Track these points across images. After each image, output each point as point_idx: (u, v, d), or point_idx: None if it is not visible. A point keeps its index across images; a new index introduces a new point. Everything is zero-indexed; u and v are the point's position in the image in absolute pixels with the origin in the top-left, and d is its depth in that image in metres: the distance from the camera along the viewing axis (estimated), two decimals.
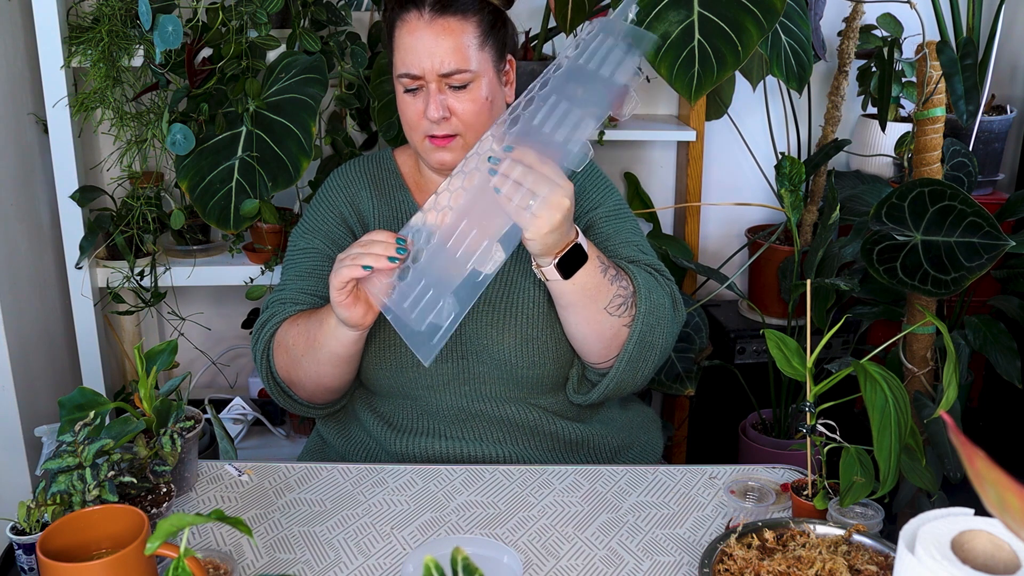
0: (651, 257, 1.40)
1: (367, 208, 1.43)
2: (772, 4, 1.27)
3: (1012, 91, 2.48)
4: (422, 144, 1.34)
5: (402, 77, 1.30)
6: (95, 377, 1.90)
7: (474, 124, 1.32)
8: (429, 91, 1.29)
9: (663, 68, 1.29)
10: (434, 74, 1.28)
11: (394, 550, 1.06)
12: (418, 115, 1.31)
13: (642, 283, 1.29)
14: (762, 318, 2.22)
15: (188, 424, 1.14)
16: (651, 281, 1.32)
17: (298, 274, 1.40)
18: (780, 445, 2.08)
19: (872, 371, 1.00)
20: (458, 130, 1.31)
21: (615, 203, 1.43)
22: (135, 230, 1.82)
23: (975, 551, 0.70)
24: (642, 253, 1.39)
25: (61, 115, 1.73)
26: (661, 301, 1.31)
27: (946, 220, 1.60)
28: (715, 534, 1.09)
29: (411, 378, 1.34)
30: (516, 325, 1.33)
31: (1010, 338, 1.89)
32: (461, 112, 1.30)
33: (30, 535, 0.95)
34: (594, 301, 1.25)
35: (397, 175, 1.46)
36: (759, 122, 2.33)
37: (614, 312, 1.26)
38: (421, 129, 1.32)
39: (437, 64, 1.28)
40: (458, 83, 1.29)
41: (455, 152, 1.33)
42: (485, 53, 1.31)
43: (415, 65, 1.28)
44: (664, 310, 1.32)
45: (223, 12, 1.65)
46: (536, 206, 1.13)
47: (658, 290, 1.32)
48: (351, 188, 1.45)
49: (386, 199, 1.44)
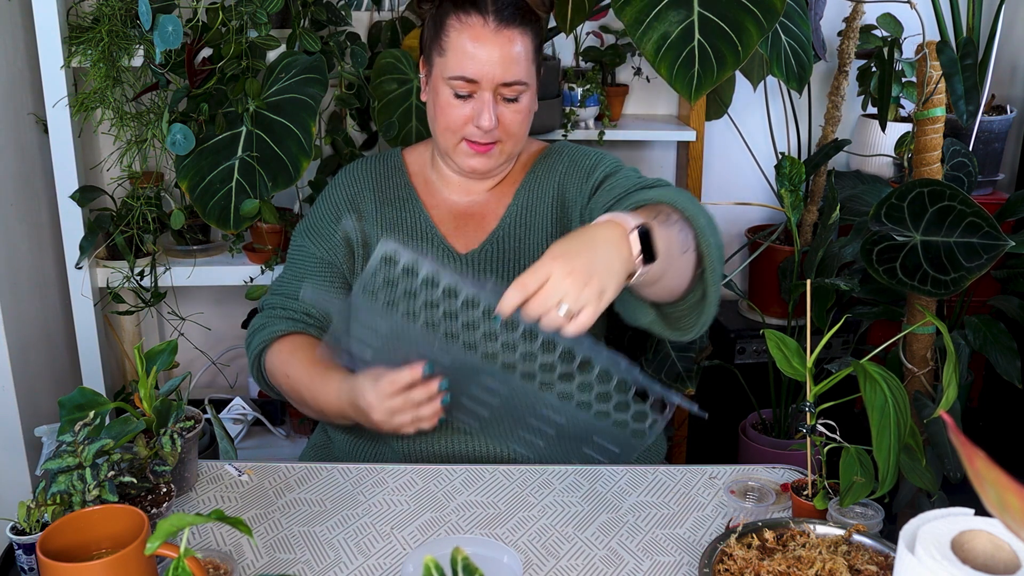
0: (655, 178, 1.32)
1: (369, 210, 1.43)
2: (772, 4, 1.27)
3: (1012, 91, 2.48)
4: (457, 147, 1.34)
5: (455, 80, 1.30)
6: (95, 377, 1.90)
7: (516, 134, 1.34)
8: (483, 99, 1.29)
9: (663, 68, 1.29)
10: (493, 83, 1.29)
11: (394, 550, 1.06)
12: (463, 120, 1.32)
13: (676, 197, 1.15)
14: (762, 318, 2.22)
15: (188, 424, 1.14)
16: (684, 195, 1.17)
17: (293, 275, 1.45)
18: (780, 445, 2.08)
19: (872, 371, 1.00)
20: (500, 138, 1.33)
21: (608, 167, 1.38)
22: (135, 230, 1.82)
23: (975, 551, 0.70)
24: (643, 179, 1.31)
25: (61, 115, 1.73)
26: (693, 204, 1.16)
27: (945, 220, 1.60)
28: (715, 534, 1.09)
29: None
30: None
31: (1010, 338, 1.89)
32: (508, 123, 1.32)
33: (30, 535, 0.95)
34: (672, 257, 1.09)
35: (403, 175, 1.46)
36: (759, 122, 2.33)
37: (685, 250, 1.12)
38: (461, 133, 1.33)
39: (500, 74, 1.28)
40: (512, 95, 1.30)
41: (492, 159, 1.35)
42: (534, 66, 1.33)
43: (476, 71, 1.28)
44: (698, 206, 1.17)
45: (223, 12, 1.65)
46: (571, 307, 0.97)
47: (683, 194, 1.18)
48: (354, 188, 1.45)
49: (389, 200, 1.44)
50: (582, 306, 0.97)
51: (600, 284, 0.98)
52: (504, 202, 1.43)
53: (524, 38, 1.30)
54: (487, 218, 1.43)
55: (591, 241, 1.02)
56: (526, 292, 0.98)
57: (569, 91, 2.15)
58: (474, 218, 1.43)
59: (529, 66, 1.32)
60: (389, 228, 1.42)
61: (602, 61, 2.23)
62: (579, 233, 1.04)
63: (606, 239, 1.01)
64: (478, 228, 1.42)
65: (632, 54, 2.29)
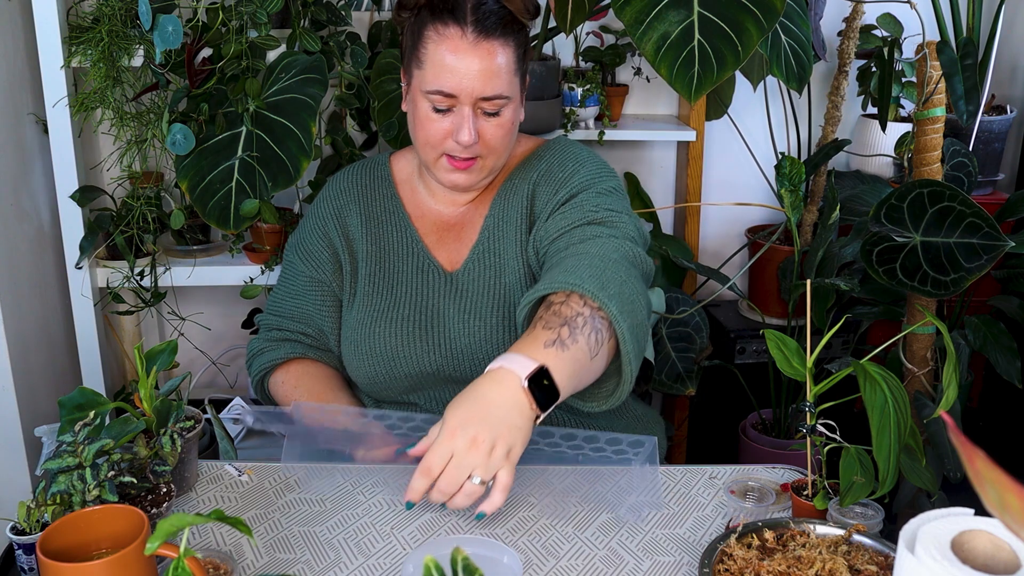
0: (608, 211, 1.27)
1: (354, 223, 1.42)
2: (772, 4, 1.27)
3: (1012, 91, 2.48)
4: (437, 162, 1.30)
5: (433, 94, 1.24)
6: (95, 377, 1.90)
7: (497, 148, 1.29)
8: (463, 114, 1.24)
9: (663, 68, 1.29)
10: (472, 97, 1.24)
11: (394, 550, 1.06)
12: (442, 134, 1.27)
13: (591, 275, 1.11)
14: (762, 318, 2.22)
15: (188, 424, 1.14)
16: (601, 267, 1.13)
17: (287, 293, 1.47)
18: (780, 445, 2.08)
19: (872, 371, 1.00)
20: (481, 153, 1.29)
21: (577, 184, 1.32)
22: (135, 230, 1.82)
23: (975, 551, 0.70)
24: (594, 211, 1.26)
25: (61, 115, 1.73)
26: (621, 282, 1.13)
27: (945, 221, 1.60)
28: (715, 534, 1.08)
29: (408, 384, 1.37)
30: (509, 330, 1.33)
31: (1010, 338, 1.89)
32: (490, 138, 1.27)
33: (30, 535, 0.95)
34: (579, 375, 1.09)
35: (390, 185, 1.44)
36: (759, 122, 2.33)
37: (596, 352, 1.10)
38: (441, 148, 1.28)
39: (479, 88, 1.23)
40: (493, 109, 1.25)
41: (474, 175, 1.31)
42: (517, 77, 1.28)
43: (454, 86, 1.23)
44: (628, 285, 1.14)
45: (223, 12, 1.65)
46: (484, 476, 0.99)
47: (613, 272, 1.14)
48: (340, 200, 1.44)
49: (374, 211, 1.42)
50: (494, 472, 0.99)
51: (506, 445, 0.99)
52: (482, 212, 1.39)
53: (506, 49, 1.24)
54: (466, 229, 1.39)
55: (485, 403, 1.01)
56: (432, 476, 0.99)
57: (569, 91, 2.15)
58: (455, 230, 1.40)
59: (511, 78, 1.26)
60: (375, 244, 1.40)
61: (602, 61, 2.23)
62: (471, 394, 1.03)
63: (501, 397, 1.01)
64: (458, 241, 1.39)
65: (632, 54, 2.29)
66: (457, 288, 1.36)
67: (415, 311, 1.36)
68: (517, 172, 1.39)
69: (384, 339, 1.36)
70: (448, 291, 1.36)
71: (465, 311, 1.34)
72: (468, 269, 1.36)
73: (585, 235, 1.24)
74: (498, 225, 1.37)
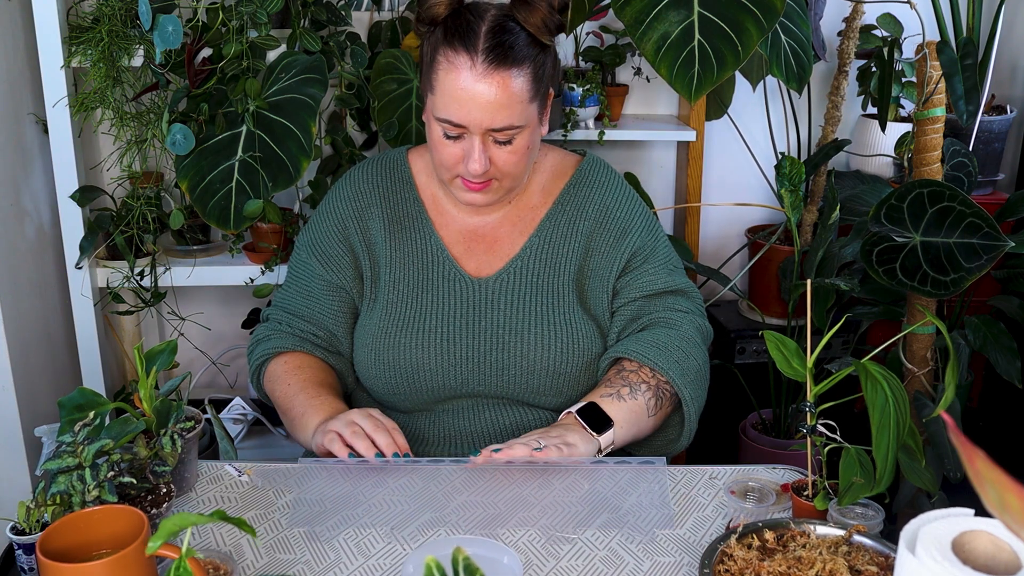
0: (677, 277, 1.41)
1: (376, 227, 1.37)
2: (772, 4, 1.26)
3: (1012, 91, 2.48)
4: (453, 182, 1.30)
5: (443, 122, 1.23)
6: (95, 377, 1.90)
7: (512, 173, 1.28)
8: (472, 143, 1.23)
9: (663, 68, 1.28)
10: (481, 128, 1.22)
11: (394, 550, 1.06)
12: (455, 159, 1.26)
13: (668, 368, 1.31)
14: (762, 318, 2.22)
15: (188, 424, 1.14)
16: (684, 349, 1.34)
17: (299, 292, 1.41)
18: (780, 445, 2.08)
19: (873, 370, 1.00)
20: (495, 176, 1.28)
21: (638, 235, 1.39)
22: (135, 230, 1.82)
23: (976, 552, 0.70)
24: (669, 275, 1.40)
25: (61, 115, 1.73)
26: (698, 368, 1.36)
27: (945, 221, 1.60)
28: (715, 534, 1.08)
29: (430, 396, 1.35)
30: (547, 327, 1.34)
31: (1010, 338, 1.89)
32: (502, 164, 1.26)
33: (30, 535, 0.95)
34: (638, 427, 1.29)
35: (412, 188, 1.39)
36: (759, 122, 2.33)
37: (654, 413, 1.31)
38: (455, 171, 1.28)
39: (487, 120, 1.21)
40: (504, 139, 1.24)
41: (489, 195, 1.30)
42: (535, 103, 1.25)
43: (462, 117, 1.21)
44: (693, 359, 1.35)
45: (223, 12, 1.65)
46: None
47: (694, 356, 1.35)
48: (361, 201, 1.39)
49: (398, 218, 1.38)
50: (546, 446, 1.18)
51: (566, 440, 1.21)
52: (524, 230, 1.37)
53: (520, 77, 1.21)
54: (500, 243, 1.37)
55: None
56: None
57: (569, 91, 2.15)
58: (485, 240, 1.38)
59: (526, 106, 1.23)
60: (398, 249, 1.37)
61: (602, 61, 2.23)
62: None
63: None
64: (490, 252, 1.37)
65: (632, 54, 2.29)
66: (489, 300, 1.34)
67: (441, 322, 1.33)
68: (567, 197, 1.38)
69: (410, 350, 1.32)
70: (479, 302, 1.34)
71: (499, 325, 1.32)
72: (502, 279, 1.35)
73: (667, 305, 1.38)
74: (545, 248, 1.36)
